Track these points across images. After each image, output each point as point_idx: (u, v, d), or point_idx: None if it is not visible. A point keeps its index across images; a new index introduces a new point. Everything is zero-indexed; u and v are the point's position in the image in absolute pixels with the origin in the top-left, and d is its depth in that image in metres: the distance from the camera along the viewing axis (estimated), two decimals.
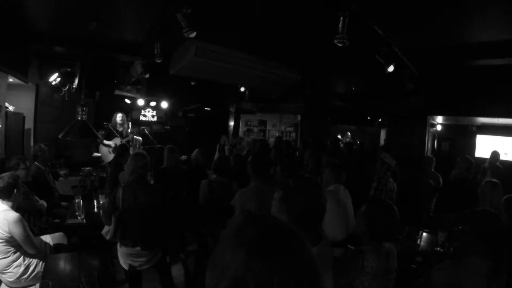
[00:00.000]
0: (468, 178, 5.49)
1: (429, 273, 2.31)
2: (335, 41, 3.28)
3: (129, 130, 7.58)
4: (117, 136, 6.90)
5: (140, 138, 7.76)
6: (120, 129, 7.17)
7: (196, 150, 5.62)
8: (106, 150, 6.89)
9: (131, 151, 5.43)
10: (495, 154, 6.50)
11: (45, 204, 4.31)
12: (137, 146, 7.53)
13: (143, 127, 8.48)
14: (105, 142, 6.88)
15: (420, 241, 3.82)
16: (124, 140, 6.95)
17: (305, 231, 1.66)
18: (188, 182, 4.96)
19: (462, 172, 5.54)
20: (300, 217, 1.65)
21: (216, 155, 8.23)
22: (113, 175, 4.81)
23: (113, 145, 6.79)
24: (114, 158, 5.28)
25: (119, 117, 7.21)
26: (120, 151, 5.20)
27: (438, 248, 3.55)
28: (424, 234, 3.98)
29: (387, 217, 2.24)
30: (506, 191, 3.70)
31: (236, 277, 0.77)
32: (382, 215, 2.25)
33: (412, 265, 3.23)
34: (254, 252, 0.78)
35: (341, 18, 3.22)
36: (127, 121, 7.59)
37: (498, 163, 6.28)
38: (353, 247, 3.45)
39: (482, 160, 7.21)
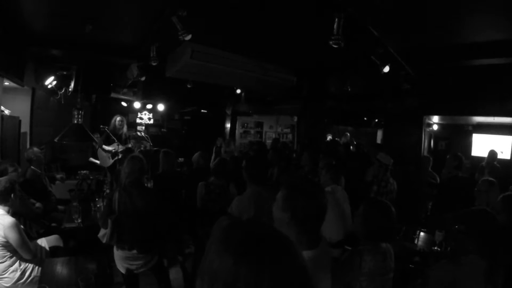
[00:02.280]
0: (458, 176, 5.49)
1: (426, 273, 2.32)
2: (331, 42, 3.28)
3: (143, 134, 7.62)
4: (115, 141, 6.86)
5: (148, 142, 7.80)
6: (119, 132, 7.12)
7: (198, 153, 5.60)
8: (105, 155, 6.86)
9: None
10: (492, 154, 6.53)
11: (41, 207, 4.30)
12: (144, 148, 7.59)
13: (139, 130, 8.48)
14: (105, 147, 6.84)
15: (417, 241, 3.82)
16: (121, 147, 6.93)
17: (307, 232, 1.66)
18: (188, 185, 4.94)
19: (452, 171, 5.55)
20: (303, 218, 1.63)
21: (213, 157, 8.23)
22: (118, 177, 4.79)
23: (113, 150, 6.76)
24: (120, 160, 5.27)
25: (118, 121, 7.15)
26: (126, 154, 5.18)
27: (435, 248, 3.55)
28: (422, 233, 3.99)
29: (384, 217, 2.25)
30: (502, 189, 3.72)
31: (225, 284, 0.77)
32: (379, 215, 2.25)
33: (410, 265, 3.23)
34: (241, 259, 0.78)
35: (336, 20, 3.23)
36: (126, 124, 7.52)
37: (495, 162, 6.31)
38: (350, 248, 3.45)
39: (480, 159, 7.24)
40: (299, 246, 1.54)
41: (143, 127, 8.26)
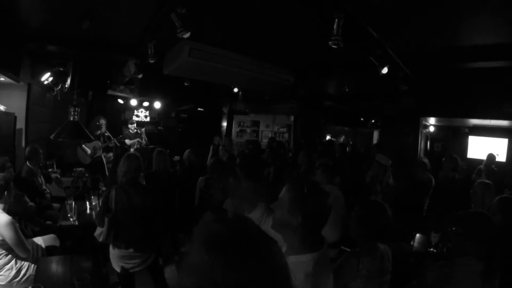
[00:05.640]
0: (455, 178, 5.53)
1: (423, 274, 2.32)
2: (330, 42, 3.27)
3: (137, 131, 7.84)
4: (94, 140, 6.93)
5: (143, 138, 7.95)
6: (97, 132, 7.21)
7: (187, 151, 5.58)
8: (83, 153, 6.97)
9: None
10: (490, 157, 6.57)
11: (34, 205, 4.27)
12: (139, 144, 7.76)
13: (136, 128, 8.47)
14: (83, 146, 6.93)
15: (413, 242, 3.84)
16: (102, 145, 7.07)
17: (313, 233, 1.65)
18: (181, 184, 4.92)
19: (448, 174, 5.59)
20: (314, 219, 1.62)
21: (210, 156, 8.22)
22: (113, 174, 4.78)
23: (89, 152, 6.90)
24: (114, 158, 5.28)
25: (101, 122, 7.32)
26: (120, 152, 5.17)
27: (431, 249, 3.57)
28: (418, 235, 4.00)
29: (379, 217, 2.26)
30: (498, 192, 3.73)
31: (198, 274, 0.79)
32: (375, 215, 2.26)
33: (406, 266, 3.24)
34: (212, 250, 0.80)
35: (336, 20, 3.22)
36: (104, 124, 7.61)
37: (493, 166, 6.34)
38: (346, 249, 3.45)
39: (477, 161, 7.29)
40: (304, 249, 1.54)
41: (134, 124, 8.35)
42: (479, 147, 8.86)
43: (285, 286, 0.85)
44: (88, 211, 4.41)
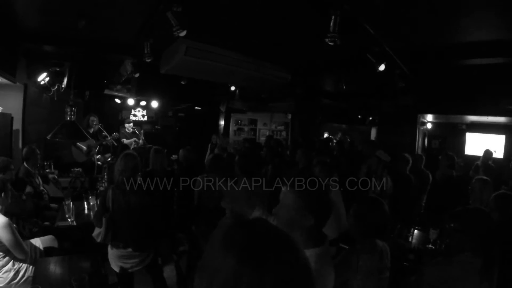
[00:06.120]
0: (453, 176, 5.54)
1: (421, 271, 2.33)
2: (327, 40, 3.27)
3: (135, 131, 7.85)
4: (89, 138, 6.94)
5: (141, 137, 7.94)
6: (91, 130, 7.21)
7: (182, 150, 5.55)
8: (78, 151, 6.97)
9: None
10: (487, 153, 6.58)
11: (32, 191, 4.26)
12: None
13: (133, 128, 8.48)
14: (78, 144, 6.92)
15: (412, 239, 3.84)
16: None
17: (317, 229, 1.67)
18: (179, 183, 4.91)
19: (446, 171, 5.59)
20: (320, 214, 1.64)
21: (208, 154, 8.22)
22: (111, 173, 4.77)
23: (85, 148, 6.96)
24: (114, 155, 5.27)
25: (91, 120, 7.34)
26: (120, 149, 5.16)
27: (430, 246, 3.58)
28: (416, 231, 4.01)
29: (377, 213, 2.26)
30: (495, 188, 3.75)
31: (226, 283, 0.76)
32: (372, 212, 2.26)
33: (405, 263, 3.25)
34: (245, 259, 0.77)
35: (333, 17, 3.22)
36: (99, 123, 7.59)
37: (490, 162, 6.35)
38: (345, 246, 3.46)
39: (475, 158, 7.30)
40: (308, 244, 1.55)
41: (131, 124, 8.41)
42: (477, 144, 8.88)
43: (311, 286, 0.85)
44: (86, 211, 4.40)
